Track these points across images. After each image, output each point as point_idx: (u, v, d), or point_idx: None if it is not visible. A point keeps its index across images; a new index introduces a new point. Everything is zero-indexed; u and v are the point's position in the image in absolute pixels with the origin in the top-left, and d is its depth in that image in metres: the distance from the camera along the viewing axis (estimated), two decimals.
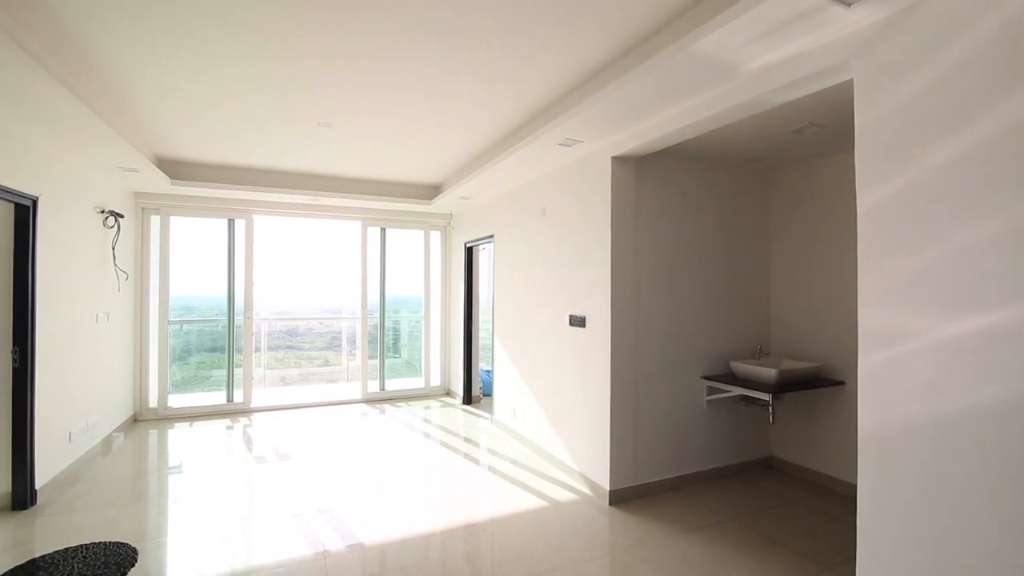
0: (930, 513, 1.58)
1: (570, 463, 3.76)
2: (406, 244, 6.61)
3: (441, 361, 6.71)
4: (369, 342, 6.34)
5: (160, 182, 4.61)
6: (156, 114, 3.29)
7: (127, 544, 1.87)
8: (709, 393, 3.70)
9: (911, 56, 1.63)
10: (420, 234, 6.59)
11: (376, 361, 6.42)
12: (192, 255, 5.68)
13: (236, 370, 5.71)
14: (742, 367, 3.54)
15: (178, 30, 2.22)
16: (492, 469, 3.97)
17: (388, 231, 6.44)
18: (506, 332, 5.01)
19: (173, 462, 4.07)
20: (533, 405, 4.36)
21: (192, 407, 5.50)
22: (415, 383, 6.69)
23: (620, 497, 3.33)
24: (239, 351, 5.71)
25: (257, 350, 6.55)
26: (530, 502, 3.35)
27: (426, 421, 5.37)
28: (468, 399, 6.14)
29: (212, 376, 6.15)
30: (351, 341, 7.90)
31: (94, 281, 4.17)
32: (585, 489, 3.53)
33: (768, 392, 3.23)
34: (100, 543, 1.86)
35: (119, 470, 3.87)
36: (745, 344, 3.91)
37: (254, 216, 5.68)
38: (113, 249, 4.50)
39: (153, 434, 4.83)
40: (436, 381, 6.68)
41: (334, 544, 2.80)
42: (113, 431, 4.62)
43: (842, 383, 3.45)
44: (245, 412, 5.63)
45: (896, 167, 1.68)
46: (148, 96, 2.98)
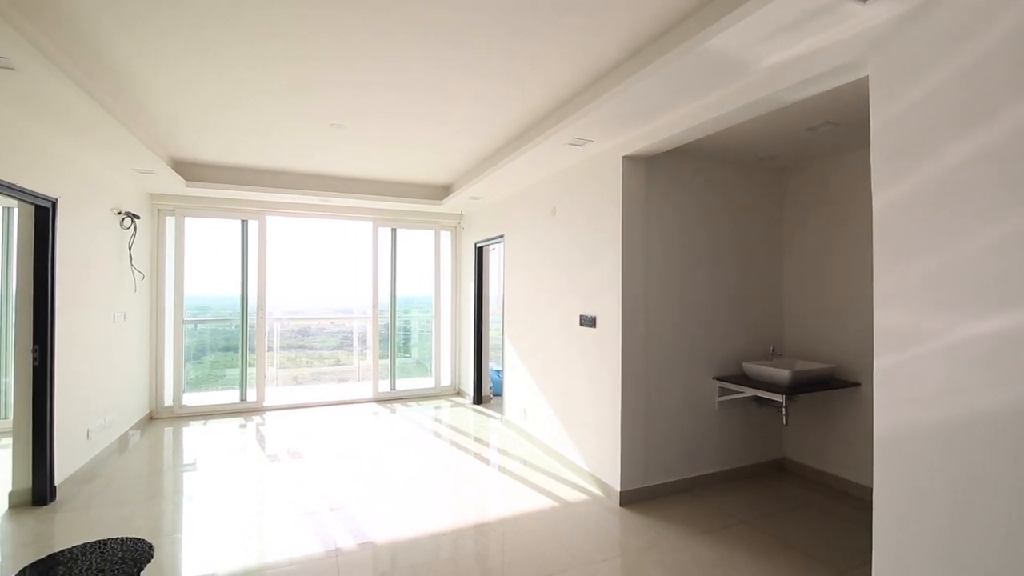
0: (948, 517, 1.55)
1: (580, 463, 3.75)
2: (417, 244, 6.63)
3: (451, 361, 6.73)
4: (380, 342, 6.38)
5: (175, 184, 4.68)
6: (169, 115, 3.32)
7: (143, 540, 1.90)
8: (721, 394, 3.66)
9: (928, 52, 1.61)
10: (430, 234, 6.61)
11: (387, 361, 6.45)
12: (206, 255, 5.75)
13: (249, 369, 5.77)
14: (755, 368, 3.51)
15: (185, 30, 2.23)
16: (502, 469, 3.97)
17: (399, 231, 6.47)
18: (516, 332, 5.01)
19: (188, 460, 4.13)
20: (543, 405, 4.36)
21: (206, 405, 5.58)
22: (426, 383, 6.71)
23: (631, 498, 3.31)
24: (252, 350, 5.78)
25: (270, 349, 6.63)
26: (541, 502, 3.34)
27: (436, 421, 5.39)
28: (478, 399, 6.15)
29: (226, 375, 6.23)
30: (362, 341, 7.96)
31: (111, 281, 4.24)
32: (595, 490, 3.52)
33: (781, 393, 3.19)
34: (117, 539, 1.89)
35: (135, 467, 3.93)
36: (758, 345, 3.87)
37: (267, 217, 5.74)
38: (130, 250, 4.58)
39: (168, 432, 4.90)
40: (446, 381, 6.70)
41: (345, 542, 2.82)
42: (130, 429, 4.69)
43: (857, 384, 3.40)
44: (258, 411, 5.69)
45: (913, 165, 1.65)
46: (160, 97, 3.01)
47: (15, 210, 3.45)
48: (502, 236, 5.34)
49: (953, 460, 1.54)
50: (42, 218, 3.22)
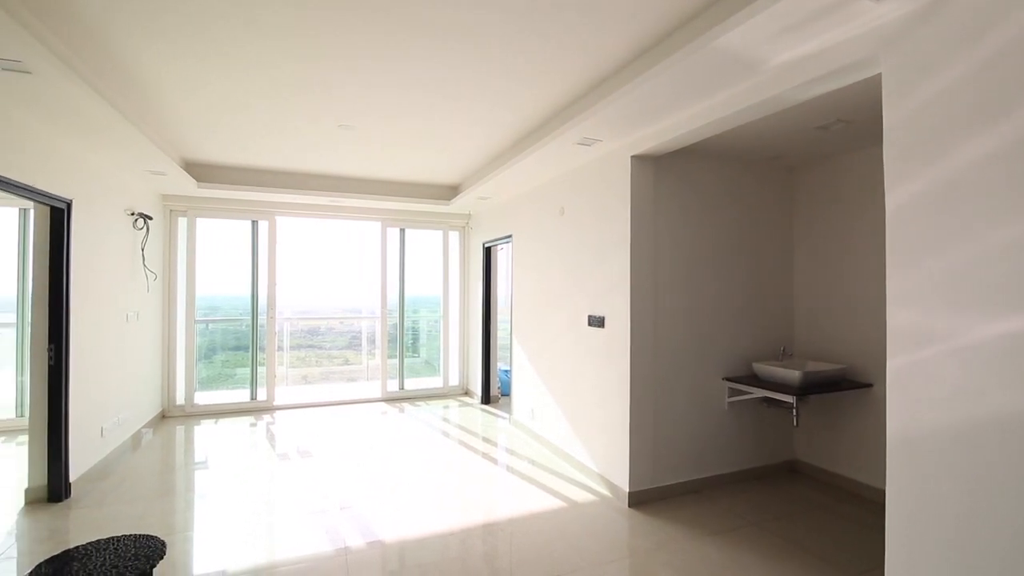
0: (963, 521, 1.53)
1: (589, 464, 3.74)
2: (425, 244, 6.65)
3: (459, 361, 6.74)
4: (389, 341, 6.40)
5: (187, 185, 4.73)
6: (179, 116, 3.35)
7: (156, 537, 1.92)
8: (730, 395, 3.64)
9: (943, 49, 1.58)
10: (439, 234, 6.63)
11: (395, 360, 6.48)
12: (217, 256, 5.81)
13: (259, 368, 5.82)
14: (765, 368, 3.48)
15: (191, 31, 2.24)
16: (510, 469, 3.98)
17: (407, 232, 6.49)
18: (524, 332, 5.01)
19: (199, 458, 4.18)
20: (551, 405, 4.35)
21: (217, 404, 5.64)
22: (434, 382, 6.73)
23: (639, 499, 3.30)
24: (262, 350, 5.83)
25: (280, 349, 6.68)
26: (549, 502, 3.34)
27: (445, 420, 5.40)
28: (486, 399, 6.15)
29: (236, 374, 6.28)
30: (371, 340, 8.00)
31: (124, 281, 4.30)
32: (604, 490, 3.51)
33: (792, 394, 3.17)
34: (130, 536, 1.92)
35: (148, 465, 3.98)
36: (768, 345, 3.84)
37: (277, 217, 5.79)
38: (142, 250, 4.63)
39: (180, 430, 4.95)
40: (454, 381, 6.71)
41: (354, 541, 2.84)
42: (142, 427, 4.75)
43: (869, 385, 3.37)
44: (268, 410, 5.74)
45: (927, 163, 1.63)
46: (171, 97, 3.02)
47: (31, 211, 3.52)
48: (510, 236, 5.34)
49: (968, 463, 1.52)
50: (57, 219, 3.26)
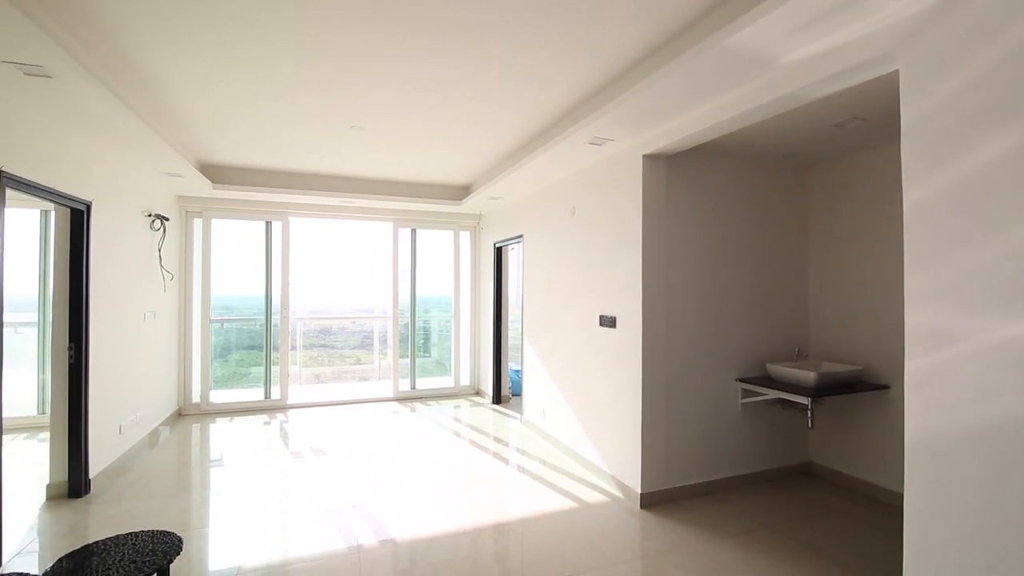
0: (983, 525, 1.50)
1: (600, 464, 3.73)
2: (436, 245, 6.68)
3: (471, 361, 6.75)
4: (400, 341, 6.44)
5: (202, 186, 4.80)
6: (193, 117, 3.38)
7: (173, 533, 1.95)
8: (744, 396, 3.60)
9: (960, 46, 1.55)
10: (450, 234, 6.65)
11: (407, 360, 6.51)
12: (232, 256, 5.89)
13: (273, 367, 5.89)
14: (779, 369, 3.44)
15: (202, 33, 2.26)
16: (521, 469, 3.98)
17: (419, 232, 6.52)
18: (535, 332, 5.00)
19: (215, 455, 4.23)
20: (562, 405, 4.34)
21: (232, 403, 5.72)
22: (445, 382, 6.76)
23: (651, 500, 3.28)
24: (276, 349, 5.89)
25: (293, 348, 6.75)
26: (560, 503, 3.34)
27: (456, 420, 5.42)
28: (497, 399, 6.16)
29: (251, 373, 6.37)
30: (382, 340, 8.06)
31: (142, 281, 4.37)
32: (615, 491, 3.49)
33: (807, 396, 3.12)
34: (148, 531, 1.95)
35: (165, 462, 4.04)
36: (782, 346, 3.79)
37: (290, 218, 5.86)
38: (159, 251, 4.71)
39: (196, 428, 5.03)
40: (466, 380, 6.73)
41: (367, 539, 2.86)
42: (159, 425, 4.83)
43: (887, 387, 3.31)
44: (281, 408, 5.80)
45: (946, 161, 1.59)
46: (185, 98, 3.05)
47: (52, 213, 3.60)
48: (521, 236, 5.34)
49: (987, 466, 1.49)
50: (77, 220, 3.33)
